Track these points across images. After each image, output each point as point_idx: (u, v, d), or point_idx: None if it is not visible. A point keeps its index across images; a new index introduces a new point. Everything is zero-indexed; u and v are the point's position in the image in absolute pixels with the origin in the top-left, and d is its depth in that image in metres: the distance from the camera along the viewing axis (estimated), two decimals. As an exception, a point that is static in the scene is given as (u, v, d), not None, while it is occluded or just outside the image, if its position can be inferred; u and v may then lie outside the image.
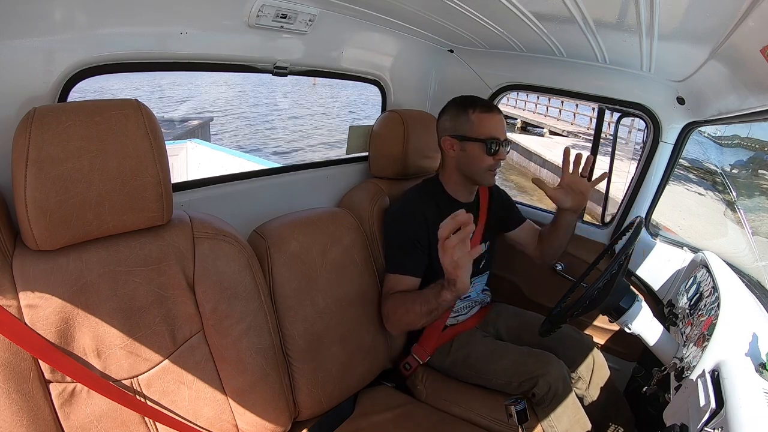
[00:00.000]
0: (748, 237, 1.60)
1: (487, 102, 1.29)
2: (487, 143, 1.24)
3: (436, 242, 1.27)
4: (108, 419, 0.80)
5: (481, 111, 1.26)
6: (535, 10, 0.98)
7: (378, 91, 1.68)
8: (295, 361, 1.11)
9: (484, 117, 1.25)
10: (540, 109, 18.37)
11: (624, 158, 3.57)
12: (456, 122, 1.28)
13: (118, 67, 0.97)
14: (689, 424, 0.78)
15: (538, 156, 11.41)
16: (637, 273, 1.56)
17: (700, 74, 1.16)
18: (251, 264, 1.00)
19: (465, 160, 1.28)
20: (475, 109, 1.26)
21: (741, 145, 3.95)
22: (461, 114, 1.27)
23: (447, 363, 1.33)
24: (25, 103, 0.83)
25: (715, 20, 0.78)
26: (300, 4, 1.13)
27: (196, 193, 1.19)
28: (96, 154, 0.74)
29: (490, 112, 1.26)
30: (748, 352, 0.85)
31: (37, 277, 0.74)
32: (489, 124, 1.25)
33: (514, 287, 1.85)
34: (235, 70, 1.21)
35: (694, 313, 1.13)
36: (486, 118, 1.25)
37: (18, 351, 0.71)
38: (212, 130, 10.00)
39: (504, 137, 1.26)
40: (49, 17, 0.82)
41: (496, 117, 1.26)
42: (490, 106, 1.28)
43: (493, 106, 1.28)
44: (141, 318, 0.84)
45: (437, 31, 1.44)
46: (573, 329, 1.42)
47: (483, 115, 1.25)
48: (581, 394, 1.32)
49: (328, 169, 1.58)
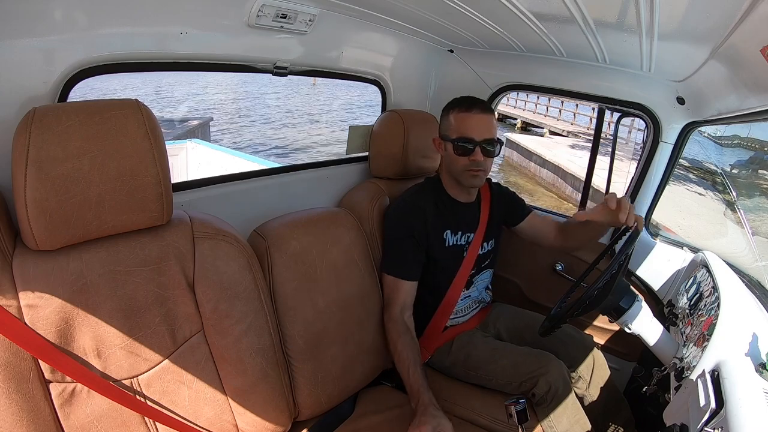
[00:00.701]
0: (748, 237, 1.60)
1: (470, 101, 1.25)
2: (455, 143, 1.23)
3: (434, 240, 1.29)
4: (108, 419, 0.80)
5: (459, 111, 1.24)
6: (535, 10, 0.98)
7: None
8: (295, 361, 1.11)
9: (460, 117, 1.23)
10: (540, 109, 18.37)
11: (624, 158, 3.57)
12: (442, 122, 1.30)
13: (118, 67, 0.97)
14: (689, 424, 0.78)
15: (538, 156, 11.41)
16: (637, 273, 1.56)
17: (700, 74, 1.16)
18: (251, 264, 1.00)
19: (447, 160, 1.30)
20: (455, 108, 1.25)
21: (741, 145, 3.95)
22: (445, 114, 1.28)
23: (447, 363, 1.33)
24: (25, 103, 0.83)
25: (715, 20, 0.78)
26: (300, 4, 1.13)
27: (196, 193, 1.19)
28: (96, 154, 0.74)
29: (467, 112, 1.23)
30: (748, 352, 0.85)
31: (37, 277, 0.74)
32: (463, 124, 1.23)
33: (514, 287, 1.85)
34: (235, 70, 1.21)
35: (694, 313, 1.13)
36: (461, 118, 1.23)
37: (18, 351, 0.71)
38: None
39: (483, 137, 1.21)
40: (49, 17, 0.82)
41: (473, 117, 1.22)
42: (470, 106, 1.23)
43: (475, 105, 1.23)
44: (141, 318, 0.84)
45: (437, 31, 1.44)
46: (573, 328, 1.42)
47: (460, 115, 1.24)
48: (581, 393, 1.32)
49: (328, 169, 1.58)
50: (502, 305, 1.54)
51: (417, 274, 1.29)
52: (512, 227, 1.49)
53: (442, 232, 1.32)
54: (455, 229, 1.34)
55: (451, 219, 1.33)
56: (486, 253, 1.41)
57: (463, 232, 1.36)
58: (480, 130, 1.22)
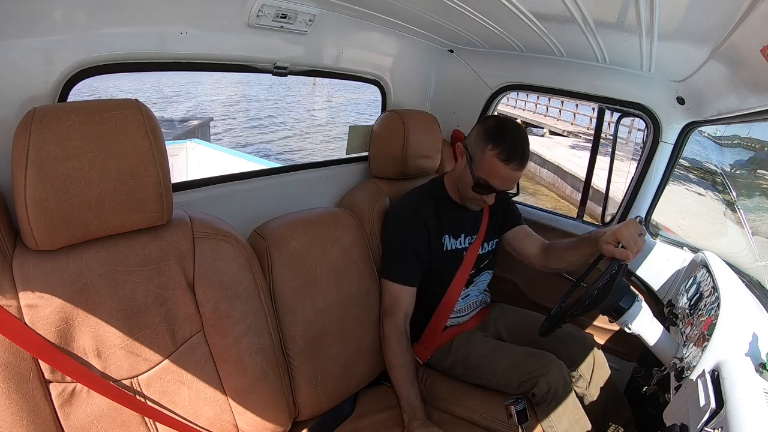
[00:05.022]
0: (748, 237, 1.60)
1: (512, 150, 1.15)
2: (478, 181, 1.19)
3: (434, 245, 1.29)
4: (108, 419, 0.80)
5: (498, 154, 1.15)
6: (535, 10, 0.98)
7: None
8: (295, 360, 1.11)
9: (495, 162, 1.15)
10: (540, 109, 18.35)
11: (624, 158, 3.57)
12: (477, 142, 1.20)
13: (118, 67, 0.97)
14: (689, 424, 0.78)
15: (538, 156, 11.41)
16: (637, 273, 1.56)
17: (700, 74, 1.16)
18: (251, 264, 1.00)
19: (461, 175, 1.27)
20: (496, 147, 1.15)
21: (741, 145, 3.94)
22: (484, 140, 1.18)
23: (447, 363, 1.33)
24: (25, 103, 0.83)
25: (715, 20, 0.78)
26: (300, 4, 1.13)
27: (196, 193, 1.19)
28: (96, 154, 0.74)
29: (505, 163, 1.15)
30: (748, 352, 0.85)
31: (37, 277, 0.74)
32: (494, 171, 1.17)
33: (514, 287, 1.85)
34: (235, 70, 1.21)
35: (694, 313, 1.12)
36: (496, 165, 1.15)
37: (18, 351, 0.71)
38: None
39: (503, 189, 1.20)
40: (49, 17, 0.82)
41: (507, 171, 1.16)
42: (510, 157, 1.14)
43: (514, 159, 1.15)
44: (141, 318, 0.84)
45: (437, 31, 1.44)
46: (573, 328, 1.42)
47: (496, 161, 1.15)
48: (582, 392, 1.32)
49: (328, 169, 1.58)
50: (502, 305, 1.54)
51: (418, 280, 1.29)
52: (499, 234, 1.47)
53: (440, 237, 1.31)
54: (455, 233, 1.34)
55: (450, 223, 1.33)
56: (486, 253, 1.41)
57: (465, 235, 1.36)
58: (506, 185, 1.20)
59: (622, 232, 1.06)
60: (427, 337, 1.34)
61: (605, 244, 1.09)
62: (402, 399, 1.19)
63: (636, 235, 1.06)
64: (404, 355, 1.23)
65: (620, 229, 1.07)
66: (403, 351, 1.23)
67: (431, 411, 1.24)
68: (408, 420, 1.15)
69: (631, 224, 1.09)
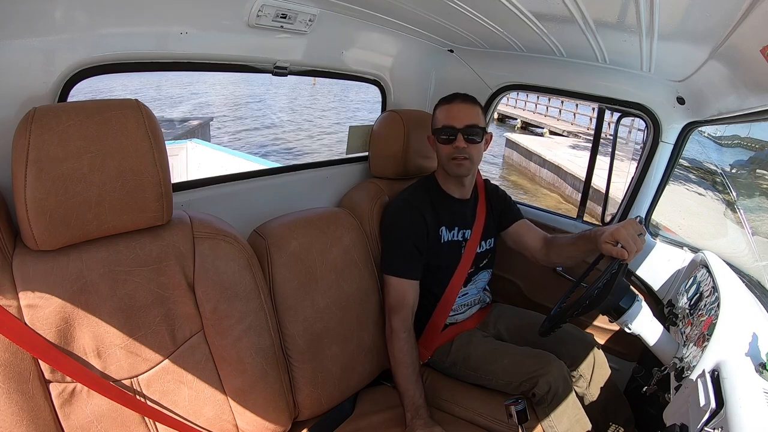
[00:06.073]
0: (748, 237, 1.60)
1: (453, 95, 1.31)
2: (438, 132, 1.29)
3: (431, 237, 1.29)
4: (108, 419, 0.80)
5: (442, 104, 1.31)
6: (535, 10, 0.98)
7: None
8: (295, 360, 1.11)
9: (442, 108, 1.30)
10: (540, 109, 18.37)
11: (624, 158, 3.57)
12: (432, 120, 1.36)
13: (118, 67, 0.97)
14: (689, 424, 0.78)
15: (538, 156, 11.41)
16: (637, 273, 1.56)
17: (700, 74, 1.16)
18: (251, 264, 1.00)
19: (437, 153, 1.34)
20: (439, 104, 1.32)
21: (741, 145, 3.94)
22: (434, 112, 1.35)
23: (447, 363, 1.33)
24: (25, 103, 0.83)
25: (715, 20, 0.78)
26: (300, 4, 1.13)
27: (196, 193, 1.19)
28: (96, 154, 0.74)
29: (449, 103, 1.30)
30: (748, 352, 0.85)
31: (37, 277, 0.74)
32: (445, 114, 1.29)
33: (514, 287, 1.85)
34: (235, 70, 1.21)
35: (694, 313, 1.12)
36: (443, 109, 1.30)
37: (18, 351, 0.71)
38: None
39: (464, 124, 1.25)
40: (49, 17, 0.82)
41: (454, 106, 1.28)
42: (452, 98, 1.30)
43: (456, 97, 1.30)
44: (141, 318, 0.84)
45: (437, 31, 1.44)
46: (574, 327, 1.42)
47: (442, 107, 1.31)
48: (582, 392, 1.32)
49: (328, 169, 1.58)
50: (502, 305, 1.54)
51: (420, 273, 1.29)
52: (500, 231, 1.48)
53: (437, 229, 1.32)
54: (450, 225, 1.34)
55: (445, 215, 1.34)
56: (484, 252, 1.41)
57: (459, 228, 1.36)
58: (460, 118, 1.27)
59: (621, 231, 1.07)
60: (427, 336, 1.34)
61: (604, 244, 1.09)
62: (406, 398, 1.18)
63: (635, 235, 1.06)
64: (411, 352, 1.22)
65: (619, 229, 1.08)
66: (411, 348, 1.22)
67: (431, 411, 1.24)
68: (411, 419, 1.14)
69: (630, 224, 1.09)
